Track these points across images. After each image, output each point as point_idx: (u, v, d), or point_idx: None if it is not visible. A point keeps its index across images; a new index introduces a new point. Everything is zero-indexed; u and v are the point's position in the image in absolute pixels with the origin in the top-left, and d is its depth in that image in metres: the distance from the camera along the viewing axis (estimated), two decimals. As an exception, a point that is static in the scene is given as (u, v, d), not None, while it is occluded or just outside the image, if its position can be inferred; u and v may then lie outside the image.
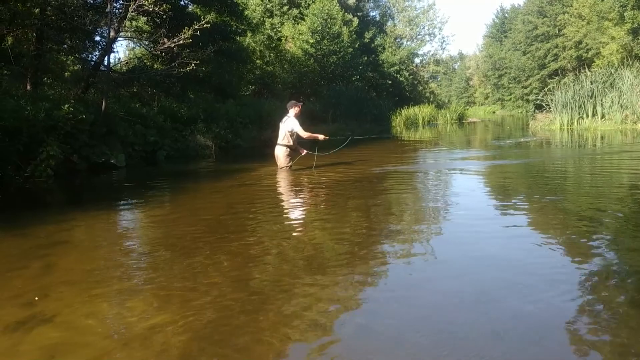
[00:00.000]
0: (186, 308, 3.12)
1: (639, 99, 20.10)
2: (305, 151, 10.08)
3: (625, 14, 31.36)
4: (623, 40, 34.29)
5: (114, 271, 3.97)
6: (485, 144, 17.60)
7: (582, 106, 22.28)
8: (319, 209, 6.50)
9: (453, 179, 8.82)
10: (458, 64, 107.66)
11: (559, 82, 25.70)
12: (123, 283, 3.66)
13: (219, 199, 7.40)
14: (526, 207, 6.05)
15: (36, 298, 3.34)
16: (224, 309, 3.10)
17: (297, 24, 33.39)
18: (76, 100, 12.31)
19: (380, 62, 43.71)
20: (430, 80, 65.42)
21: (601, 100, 21.68)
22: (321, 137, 10.04)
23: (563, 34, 54.92)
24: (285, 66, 30.45)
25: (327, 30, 32.62)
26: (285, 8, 34.70)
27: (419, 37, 56.44)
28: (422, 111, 39.99)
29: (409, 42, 54.98)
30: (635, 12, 29.65)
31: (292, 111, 9.80)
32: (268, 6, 33.55)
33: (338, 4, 35.54)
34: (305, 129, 9.91)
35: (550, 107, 24.35)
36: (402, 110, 37.94)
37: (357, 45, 36.89)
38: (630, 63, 24.32)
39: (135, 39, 19.02)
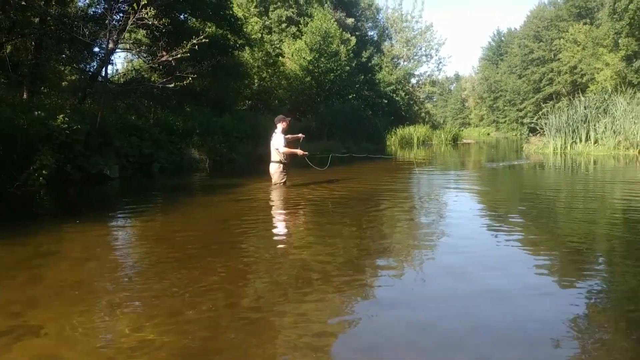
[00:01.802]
0: (175, 323, 3.11)
1: (631, 125, 20.27)
2: (302, 152, 9.89)
3: (619, 41, 31.81)
4: (617, 66, 34.73)
5: (104, 284, 3.95)
6: (479, 166, 17.67)
7: (576, 131, 22.45)
8: (310, 226, 6.50)
9: (445, 200, 8.84)
10: (454, 85, 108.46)
11: (554, 106, 25.93)
12: (112, 296, 3.64)
13: (211, 213, 7.39)
14: (518, 228, 6.07)
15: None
16: (214, 325, 3.09)
17: (296, 41, 33.62)
18: (72, 110, 12.33)
19: (377, 81, 43.99)
20: (426, 101, 65.74)
21: (594, 126, 21.86)
22: (300, 152, 9.89)
23: (558, 59, 55.57)
24: (282, 82, 30.60)
25: (325, 48, 32.86)
26: (283, 25, 34.97)
27: (416, 57, 56.87)
28: (417, 131, 40.21)
29: (405, 62, 55.38)
30: (629, 39, 30.09)
31: (280, 126, 9.69)
32: (267, 23, 33.81)
33: (336, 23, 35.84)
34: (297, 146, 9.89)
35: (544, 131, 24.52)
36: (398, 130, 38.14)
37: (354, 64, 37.14)
38: (624, 89, 24.60)
39: (133, 51, 19.12)
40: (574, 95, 25.28)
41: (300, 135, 10.18)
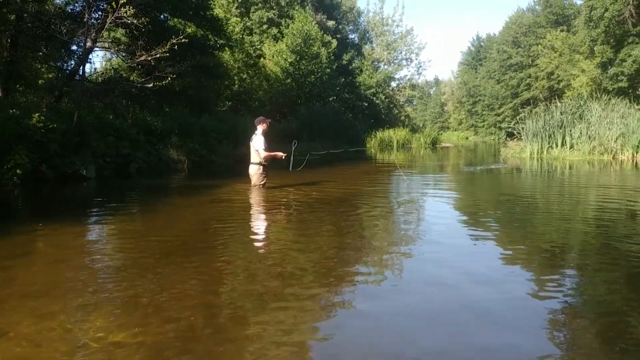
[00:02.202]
0: (149, 325, 3.07)
1: (606, 131, 20.65)
2: (283, 155, 9.82)
3: (595, 48, 32.37)
4: (593, 73, 35.34)
5: (76, 285, 3.89)
6: (458, 170, 17.83)
7: (552, 136, 22.83)
8: (288, 227, 6.49)
9: (423, 204, 8.89)
10: (434, 89, 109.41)
11: (531, 111, 26.31)
12: (85, 298, 3.58)
13: (188, 214, 7.33)
14: (495, 232, 6.13)
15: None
16: (188, 328, 3.06)
17: (277, 42, 33.59)
18: (48, 109, 12.14)
19: (358, 84, 44.17)
20: (406, 104, 66.23)
21: (570, 131, 22.24)
22: (280, 154, 9.82)
23: (536, 65, 56.32)
24: (263, 84, 30.54)
25: (306, 50, 32.90)
26: (265, 27, 34.91)
27: (396, 61, 57.31)
28: (396, 134, 40.53)
29: (386, 66, 55.75)
30: (604, 46, 30.64)
31: (260, 128, 9.59)
32: (248, 24, 33.73)
33: (317, 25, 35.90)
34: (278, 148, 9.86)
35: (521, 135, 24.87)
36: (377, 133, 38.34)
37: (335, 67, 37.25)
38: (599, 96, 25.07)
39: (112, 50, 18.90)
40: (551, 101, 25.65)
41: (278, 153, 9.81)
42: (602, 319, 3.30)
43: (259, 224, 6.79)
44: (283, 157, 9.84)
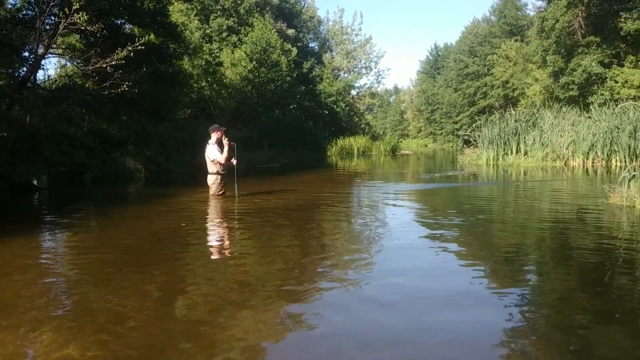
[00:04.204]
0: (100, 340, 3.00)
1: (558, 138, 21.32)
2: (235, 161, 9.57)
3: (547, 58, 33.38)
4: (545, 82, 36.44)
5: (25, 299, 3.76)
6: (417, 177, 18.08)
7: (507, 143, 23.43)
8: (247, 238, 6.44)
9: (383, 211, 8.98)
10: (393, 97, 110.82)
11: (487, 119, 26.90)
12: (34, 312, 3.47)
13: (144, 225, 7.20)
14: (453, 237, 6.24)
15: None
16: (141, 342, 3.00)
17: (235, 50, 33.42)
18: (-2, 116, 11.75)
19: (318, 92, 44.34)
20: (366, 112, 66.93)
21: (524, 138, 22.89)
22: (234, 162, 9.55)
23: (492, 74, 57.71)
24: (222, 92, 30.31)
25: (266, 58, 32.87)
26: (224, 34, 34.72)
27: (356, 69, 57.95)
28: (357, 142, 40.78)
29: (346, 74, 56.26)
30: (556, 56, 31.63)
31: (215, 136, 9.44)
32: (207, 31, 33.47)
33: (277, 34, 35.92)
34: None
35: (477, 143, 25.42)
36: (338, 140, 38.55)
37: (295, 75, 37.31)
38: (551, 104, 25.87)
39: (66, 57, 18.45)
40: (506, 109, 26.33)
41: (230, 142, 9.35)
42: (557, 331, 3.40)
43: (217, 233, 6.72)
44: (230, 143, 9.33)
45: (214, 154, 9.30)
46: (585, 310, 3.59)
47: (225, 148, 9.26)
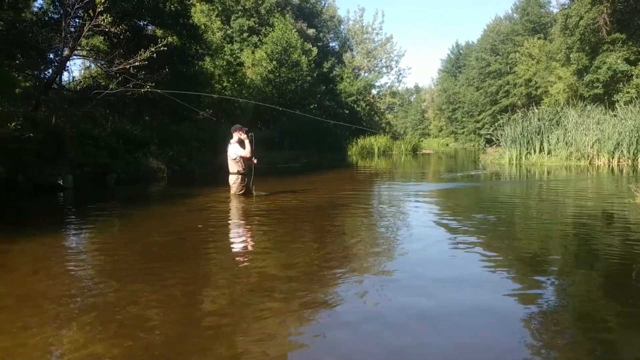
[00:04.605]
0: (124, 337, 3.03)
1: (582, 137, 20.99)
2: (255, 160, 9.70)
3: (571, 55, 32.86)
4: (569, 80, 35.87)
5: (51, 297, 3.82)
6: (438, 176, 17.94)
7: (530, 142, 23.14)
8: (268, 237, 6.46)
9: (405, 210, 8.93)
10: (414, 96, 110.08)
11: (509, 117, 26.56)
12: (59, 310, 3.53)
13: (167, 224, 7.27)
14: (477, 239, 6.18)
15: None
16: (166, 339, 3.03)
17: (256, 50, 33.55)
18: (25, 118, 11.95)
19: (338, 91, 44.27)
20: (387, 111, 66.60)
21: (548, 137, 22.57)
22: (255, 161, 9.76)
23: (514, 72, 57.06)
24: (243, 92, 30.45)
25: (286, 58, 32.95)
26: (245, 35, 34.89)
27: (377, 69, 57.71)
28: (377, 141, 40.63)
29: (366, 74, 56.07)
30: (580, 54, 31.12)
31: (236, 135, 9.57)
32: (228, 32, 33.67)
33: (298, 34, 35.98)
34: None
35: (500, 142, 25.15)
36: (359, 140, 38.46)
37: (315, 74, 37.31)
38: (575, 102, 25.47)
39: (90, 58, 18.71)
40: (529, 108, 25.99)
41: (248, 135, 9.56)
42: (579, 324, 3.35)
43: (238, 232, 6.76)
44: (249, 135, 9.54)
45: (237, 150, 9.39)
46: (613, 312, 3.53)
47: (246, 142, 9.42)
